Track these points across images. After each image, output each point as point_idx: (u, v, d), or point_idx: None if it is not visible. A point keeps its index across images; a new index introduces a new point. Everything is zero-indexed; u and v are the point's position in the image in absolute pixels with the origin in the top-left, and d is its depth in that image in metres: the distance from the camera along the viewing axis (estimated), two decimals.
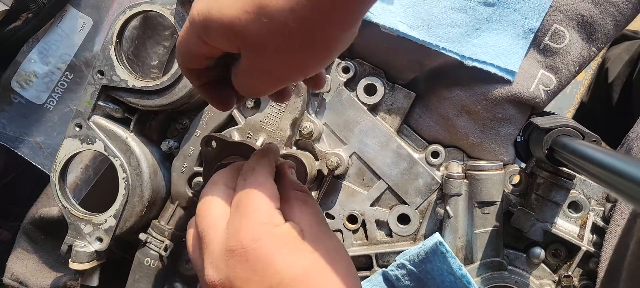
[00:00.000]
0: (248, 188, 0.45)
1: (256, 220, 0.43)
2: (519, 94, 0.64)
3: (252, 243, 0.41)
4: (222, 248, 0.42)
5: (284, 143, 0.67)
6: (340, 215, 0.70)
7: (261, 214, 0.43)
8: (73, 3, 0.75)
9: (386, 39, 0.65)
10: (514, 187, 0.67)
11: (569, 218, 0.65)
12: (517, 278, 0.65)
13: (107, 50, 0.64)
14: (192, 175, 0.68)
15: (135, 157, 0.66)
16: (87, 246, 0.66)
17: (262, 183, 0.45)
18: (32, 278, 0.78)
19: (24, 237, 0.79)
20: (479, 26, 0.64)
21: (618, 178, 0.39)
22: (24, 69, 0.76)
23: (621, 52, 0.97)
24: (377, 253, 0.69)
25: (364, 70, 0.69)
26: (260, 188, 0.45)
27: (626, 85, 0.94)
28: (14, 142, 0.78)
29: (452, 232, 0.66)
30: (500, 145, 0.67)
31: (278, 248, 0.42)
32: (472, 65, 0.64)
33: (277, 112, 0.66)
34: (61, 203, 0.66)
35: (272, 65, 0.40)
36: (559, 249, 0.66)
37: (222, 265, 0.42)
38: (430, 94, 0.69)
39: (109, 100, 0.67)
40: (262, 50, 0.38)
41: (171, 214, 0.69)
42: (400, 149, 0.68)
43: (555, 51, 0.64)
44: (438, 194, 0.68)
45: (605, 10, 0.62)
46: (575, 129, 0.58)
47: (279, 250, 0.41)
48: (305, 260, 0.42)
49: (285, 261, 0.41)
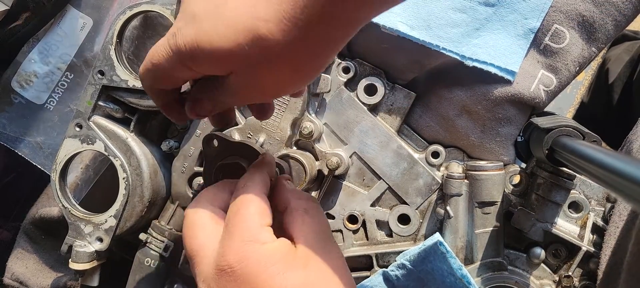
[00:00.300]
0: (236, 207, 0.45)
1: (241, 239, 0.42)
2: (519, 94, 0.64)
3: (238, 263, 0.41)
4: (212, 267, 0.43)
5: (284, 143, 0.67)
6: (340, 215, 0.70)
7: (247, 232, 0.43)
8: (73, 3, 0.75)
9: (386, 39, 0.65)
10: (514, 187, 0.67)
11: (569, 218, 0.65)
12: (518, 279, 0.65)
13: (108, 50, 0.64)
14: (192, 175, 0.68)
15: (135, 157, 0.66)
16: (87, 246, 0.66)
17: (251, 201, 0.45)
18: (32, 278, 0.78)
19: (24, 237, 0.79)
20: (479, 26, 0.64)
21: (618, 178, 0.39)
22: (24, 69, 0.76)
23: (621, 52, 0.97)
24: (377, 254, 0.69)
25: (364, 70, 0.69)
26: (248, 206, 0.44)
27: (626, 86, 0.94)
28: (14, 142, 0.78)
29: (452, 232, 0.66)
30: (500, 145, 0.67)
31: (264, 267, 0.41)
32: (472, 66, 0.64)
33: (277, 112, 0.66)
34: (61, 203, 0.66)
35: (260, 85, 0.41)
36: (559, 249, 0.66)
37: (213, 284, 0.42)
38: (431, 94, 0.69)
39: (109, 100, 0.67)
40: (252, 74, 0.40)
41: (171, 214, 0.69)
42: (400, 149, 0.68)
43: (556, 51, 0.64)
44: (438, 194, 0.68)
45: (606, 10, 0.62)
46: (575, 129, 0.58)
47: (265, 269, 0.41)
48: (294, 278, 0.41)
49: (273, 280, 0.41)
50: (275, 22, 0.36)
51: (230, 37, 0.37)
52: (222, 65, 0.40)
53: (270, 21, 0.36)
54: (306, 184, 0.65)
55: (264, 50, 0.37)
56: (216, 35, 0.37)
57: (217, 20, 0.37)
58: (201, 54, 0.38)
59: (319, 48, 0.38)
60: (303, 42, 0.37)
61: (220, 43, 0.37)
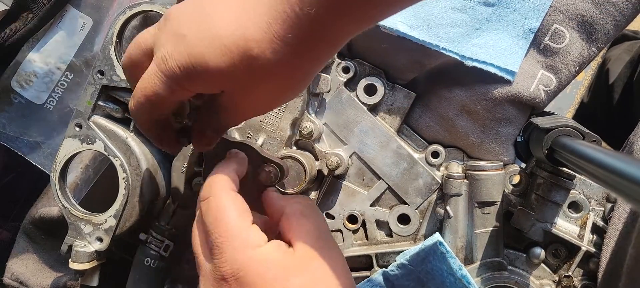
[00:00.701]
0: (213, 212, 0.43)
1: (234, 247, 0.41)
2: (519, 94, 0.64)
3: (237, 272, 0.40)
4: (211, 276, 0.42)
5: (283, 143, 0.67)
6: (340, 215, 0.70)
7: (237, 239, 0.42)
8: (73, 3, 0.75)
9: (386, 39, 0.65)
10: (514, 187, 0.67)
11: (569, 218, 0.65)
12: (517, 279, 0.65)
13: (107, 50, 0.64)
14: (192, 175, 0.68)
15: (135, 157, 0.66)
16: (87, 246, 0.66)
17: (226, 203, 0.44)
18: (32, 278, 0.78)
19: (24, 237, 0.79)
20: (479, 26, 0.64)
21: (618, 178, 0.39)
22: (24, 69, 0.76)
23: (622, 52, 0.97)
24: (377, 253, 0.69)
25: (364, 70, 0.69)
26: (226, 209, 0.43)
27: (627, 86, 0.94)
28: (14, 142, 0.78)
29: (452, 232, 0.66)
30: (500, 145, 0.67)
31: (264, 273, 0.40)
32: (472, 65, 0.64)
33: (277, 112, 0.66)
34: (61, 203, 0.66)
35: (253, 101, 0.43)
36: (559, 249, 0.66)
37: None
38: (430, 94, 0.69)
39: (109, 100, 0.67)
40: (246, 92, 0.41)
41: (171, 214, 0.69)
42: (400, 149, 0.68)
43: (555, 51, 0.64)
44: (438, 194, 0.68)
45: (605, 10, 0.62)
46: (575, 129, 0.58)
47: (264, 275, 0.40)
48: (293, 282, 0.41)
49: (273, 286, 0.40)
50: (267, 42, 0.37)
51: (224, 58, 0.38)
52: (217, 84, 0.41)
53: (262, 41, 0.37)
54: (306, 184, 0.65)
55: (257, 69, 0.38)
56: (211, 56, 0.38)
57: (210, 41, 0.38)
58: (197, 75, 0.39)
59: (309, 64, 0.40)
60: (294, 60, 0.38)
61: (216, 63, 0.38)
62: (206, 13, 0.39)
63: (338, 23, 0.37)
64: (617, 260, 0.58)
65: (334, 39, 0.38)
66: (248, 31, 0.37)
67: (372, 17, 0.38)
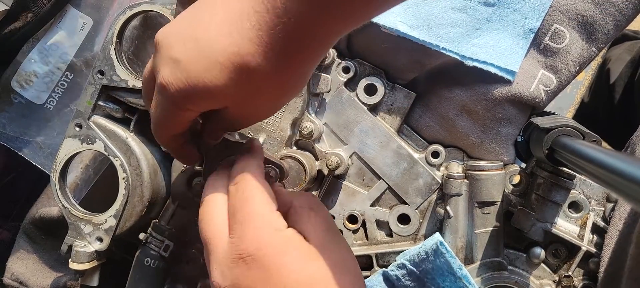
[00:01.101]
0: (243, 193, 0.45)
1: (255, 226, 0.42)
2: (519, 94, 0.64)
3: (257, 251, 0.41)
4: (227, 255, 0.42)
5: (284, 143, 0.67)
6: (340, 215, 0.70)
7: (262, 219, 0.43)
8: (73, 3, 0.75)
9: (386, 39, 0.65)
10: (514, 187, 0.67)
11: (569, 218, 0.65)
12: (518, 279, 0.65)
13: (107, 50, 0.64)
14: (192, 175, 0.68)
15: (135, 157, 0.66)
16: (87, 246, 0.66)
17: (256, 187, 0.45)
18: (32, 278, 0.78)
19: (24, 237, 0.79)
20: (479, 26, 0.64)
21: (618, 178, 0.39)
22: (24, 69, 0.76)
23: (622, 52, 0.97)
24: (377, 253, 0.69)
25: (364, 70, 0.69)
26: (255, 193, 0.45)
27: (628, 86, 0.94)
28: (14, 142, 0.78)
29: (452, 232, 0.66)
30: (500, 145, 0.67)
31: (283, 255, 0.41)
32: (472, 65, 0.64)
33: (277, 113, 0.66)
34: (61, 203, 0.66)
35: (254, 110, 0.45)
36: (559, 249, 0.65)
37: (228, 272, 0.42)
38: (431, 94, 0.68)
39: (109, 100, 0.67)
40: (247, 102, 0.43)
41: (171, 214, 0.69)
42: (400, 149, 0.68)
43: (556, 51, 0.64)
44: (438, 194, 0.68)
45: (606, 10, 0.62)
46: (575, 129, 0.58)
47: (283, 257, 0.41)
48: (310, 267, 0.42)
49: (291, 268, 0.41)
50: (261, 53, 0.38)
51: (223, 76, 0.39)
52: (220, 101, 0.42)
53: (256, 53, 0.38)
54: (306, 184, 0.65)
55: (255, 80, 0.40)
56: (209, 77, 0.40)
57: (206, 62, 0.40)
58: (198, 97, 0.41)
59: (303, 65, 0.41)
60: (288, 64, 0.40)
61: (215, 82, 0.40)
62: (196, 34, 0.40)
63: (324, 25, 0.38)
64: (617, 261, 0.58)
65: (324, 39, 0.40)
66: (241, 46, 0.38)
67: (358, 16, 0.40)
